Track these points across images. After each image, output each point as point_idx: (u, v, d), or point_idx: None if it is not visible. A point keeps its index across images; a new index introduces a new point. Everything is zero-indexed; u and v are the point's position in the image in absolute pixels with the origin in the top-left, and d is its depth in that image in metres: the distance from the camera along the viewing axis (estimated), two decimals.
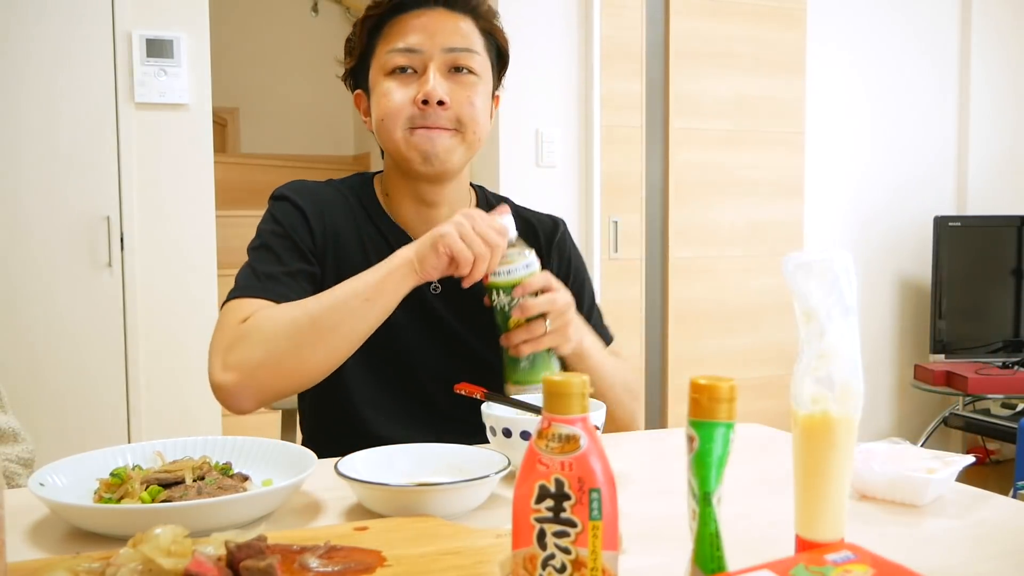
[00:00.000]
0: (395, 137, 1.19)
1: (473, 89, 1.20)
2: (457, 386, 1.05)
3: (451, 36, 1.19)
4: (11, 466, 1.21)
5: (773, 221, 3.33)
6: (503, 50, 1.28)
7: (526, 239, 1.28)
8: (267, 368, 1.07)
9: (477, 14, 1.23)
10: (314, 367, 1.09)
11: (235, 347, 1.08)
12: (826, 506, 0.62)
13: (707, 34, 3.17)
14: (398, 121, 1.18)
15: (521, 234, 1.27)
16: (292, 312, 1.08)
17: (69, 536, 0.80)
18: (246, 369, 1.06)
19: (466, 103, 1.19)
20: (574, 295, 1.28)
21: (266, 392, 1.09)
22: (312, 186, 1.27)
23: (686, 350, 3.21)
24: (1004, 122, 3.71)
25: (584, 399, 0.57)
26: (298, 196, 1.23)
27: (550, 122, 2.96)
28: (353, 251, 1.23)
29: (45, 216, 2.48)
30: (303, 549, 0.68)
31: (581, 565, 0.56)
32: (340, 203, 1.26)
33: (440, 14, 1.20)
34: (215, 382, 1.08)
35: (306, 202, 1.22)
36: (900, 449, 0.96)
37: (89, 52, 2.49)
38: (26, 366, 2.47)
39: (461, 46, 1.20)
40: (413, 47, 1.18)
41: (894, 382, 3.63)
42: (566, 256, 1.34)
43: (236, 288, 1.16)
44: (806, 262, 0.61)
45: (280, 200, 1.23)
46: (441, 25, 1.19)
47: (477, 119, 1.21)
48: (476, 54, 1.21)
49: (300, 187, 1.25)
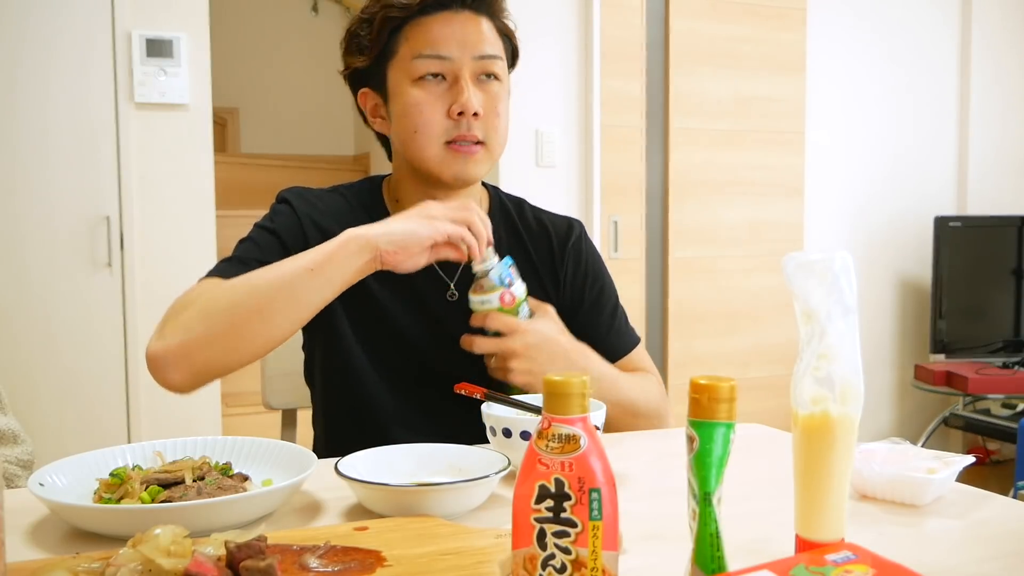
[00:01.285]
0: (429, 153, 1.16)
1: (499, 97, 1.18)
2: (457, 386, 1.04)
3: (480, 42, 1.16)
4: (11, 468, 1.21)
5: (773, 221, 3.33)
6: (516, 50, 1.26)
7: (539, 243, 1.28)
8: (201, 339, 1.01)
9: (494, 14, 1.20)
10: (250, 339, 1.02)
11: (173, 318, 1.04)
12: (826, 506, 0.62)
13: (707, 34, 3.17)
14: (433, 136, 1.15)
15: (534, 241, 1.27)
16: (233, 283, 1.04)
17: (69, 536, 0.79)
18: (178, 338, 1.01)
19: (493, 114, 1.17)
20: (592, 302, 1.29)
21: (198, 364, 1.02)
22: (316, 193, 1.24)
23: (686, 350, 3.21)
24: (1004, 122, 3.71)
25: (584, 399, 0.57)
26: (299, 201, 1.21)
27: (550, 122, 2.96)
28: None
29: (45, 216, 2.48)
30: (303, 549, 0.68)
31: (581, 565, 0.56)
32: (344, 211, 1.22)
33: (467, 17, 1.16)
34: (147, 353, 1.03)
35: (305, 208, 1.20)
36: (900, 449, 0.96)
37: (89, 52, 2.49)
38: (26, 366, 2.46)
39: (490, 52, 1.17)
40: (445, 55, 1.14)
41: (894, 382, 3.63)
42: (582, 261, 1.31)
43: (209, 271, 1.13)
44: (806, 262, 0.61)
45: (281, 203, 1.22)
46: (470, 29, 1.16)
47: (501, 129, 1.20)
48: (501, 59, 1.19)
49: (303, 193, 1.23)
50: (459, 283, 1.21)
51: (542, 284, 1.27)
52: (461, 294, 1.20)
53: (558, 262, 1.29)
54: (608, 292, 1.33)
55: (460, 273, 1.21)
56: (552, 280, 1.28)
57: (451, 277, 1.22)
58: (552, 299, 1.26)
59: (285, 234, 1.17)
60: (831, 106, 3.44)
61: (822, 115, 3.41)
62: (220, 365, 1.04)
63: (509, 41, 1.24)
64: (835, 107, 3.45)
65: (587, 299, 1.29)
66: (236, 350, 1.03)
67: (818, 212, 3.43)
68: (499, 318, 1.11)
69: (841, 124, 3.48)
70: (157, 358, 1.02)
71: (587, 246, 1.33)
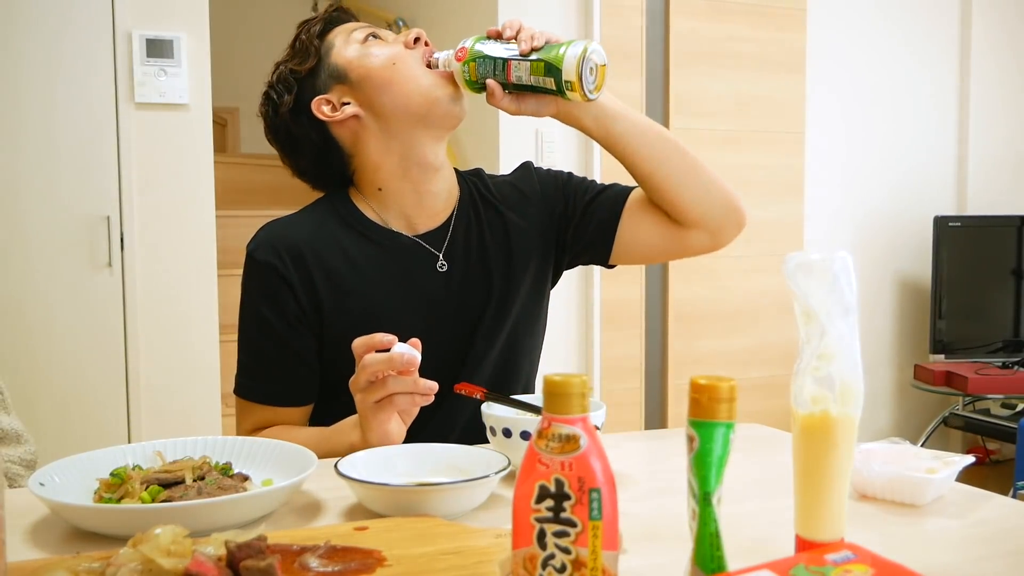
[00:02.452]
0: (421, 82, 1.19)
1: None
2: (457, 386, 1.05)
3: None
4: (13, 468, 1.21)
5: (773, 221, 3.33)
6: None
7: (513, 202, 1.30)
8: None
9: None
10: None
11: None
12: (826, 506, 0.62)
13: (707, 34, 3.17)
14: (409, 61, 1.19)
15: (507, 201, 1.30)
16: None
17: (69, 536, 0.80)
18: None
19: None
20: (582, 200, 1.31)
21: None
22: (282, 231, 1.23)
23: (686, 350, 3.21)
24: (1004, 122, 3.71)
25: (584, 399, 0.57)
26: (271, 255, 1.19)
27: (550, 122, 2.94)
28: (340, 266, 1.21)
29: (45, 216, 2.48)
30: (303, 549, 0.68)
31: (581, 565, 0.56)
32: (318, 231, 1.22)
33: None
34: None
35: (280, 258, 1.19)
36: (900, 449, 0.96)
37: (89, 52, 2.49)
38: (26, 366, 2.46)
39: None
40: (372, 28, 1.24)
41: (894, 382, 3.63)
42: (552, 185, 1.33)
43: (239, 383, 1.23)
44: (806, 262, 0.61)
45: (254, 264, 1.21)
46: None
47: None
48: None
49: (271, 239, 1.21)
50: (447, 254, 1.24)
51: (542, 233, 1.29)
52: (450, 264, 1.24)
53: (539, 204, 1.31)
54: (582, 181, 1.34)
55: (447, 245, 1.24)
56: (547, 222, 1.30)
57: (439, 250, 1.25)
58: (558, 234, 1.30)
59: (275, 304, 1.19)
60: (831, 106, 3.44)
61: (822, 115, 3.41)
62: None
63: None
64: (835, 107, 3.45)
65: (578, 203, 1.31)
66: None
67: (818, 212, 3.43)
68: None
69: (841, 124, 3.48)
70: None
71: (544, 172, 1.36)
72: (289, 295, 1.19)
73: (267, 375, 1.22)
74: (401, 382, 0.99)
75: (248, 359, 1.23)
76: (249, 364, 1.23)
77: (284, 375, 1.21)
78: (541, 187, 1.33)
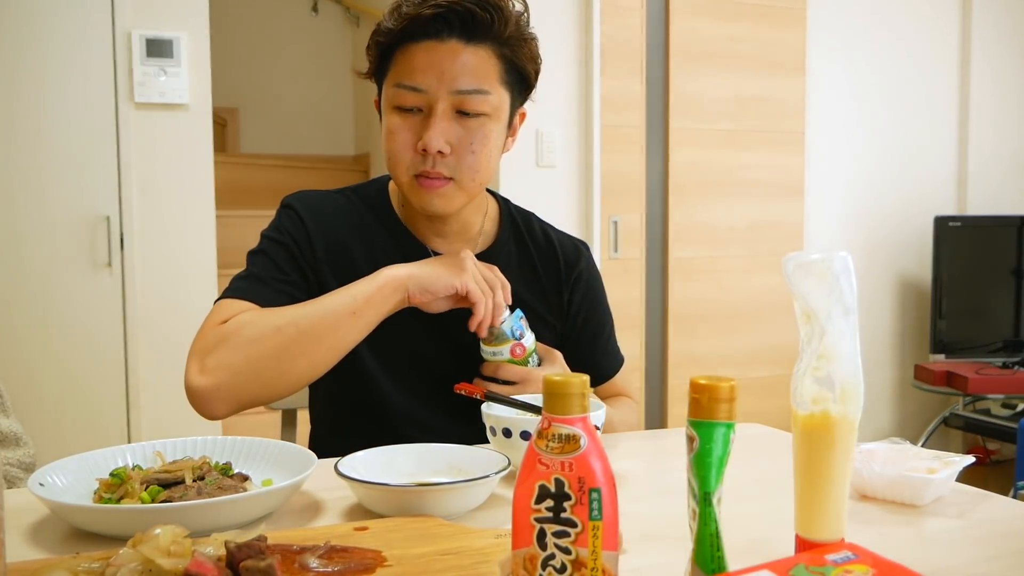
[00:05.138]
0: (400, 180, 1.16)
1: (478, 133, 1.12)
2: (457, 386, 1.05)
3: (460, 76, 1.10)
4: (12, 470, 1.21)
5: (773, 221, 3.33)
6: (526, 73, 1.18)
7: (546, 261, 1.30)
8: (246, 375, 1.04)
9: (500, 40, 1.13)
10: (295, 377, 1.07)
11: (215, 350, 1.05)
12: (826, 506, 0.62)
13: (707, 34, 3.17)
14: (401, 166, 1.15)
15: (541, 258, 1.30)
16: (277, 319, 1.06)
17: (69, 536, 0.80)
18: (225, 374, 1.04)
19: (467, 151, 1.12)
20: (593, 329, 1.31)
21: (242, 399, 1.06)
22: (321, 196, 1.25)
23: (686, 350, 3.21)
24: (1004, 122, 3.71)
25: (584, 399, 0.57)
26: (303, 206, 1.21)
27: (550, 122, 2.96)
28: (361, 261, 1.19)
29: (45, 216, 2.48)
30: (303, 549, 0.68)
31: (581, 565, 0.56)
32: (350, 213, 1.23)
33: (452, 47, 1.10)
34: (190, 385, 1.05)
35: (310, 213, 1.21)
36: (900, 449, 0.96)
37: (89, 52, 2.50)
38: (26, 366, 2.47)
39: (470, 88, 1.10)
40: (420, 87, 1.10)
41: (894, 382, 3.63)
42: (589, 289, 1.31)
43: (227, 290, 1.15)
44: (806, 262, 0.61)
45: (286, 208, 1.23)
46: (452, 62, 1.10)
47: (477, 166, 1.14)
48: (488, 94, 1.12)
49: (308, 197, 1.24)
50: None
51: (546, 300, 1.28)
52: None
53: (564, 285, 1.29)
54: (607, 317, 1.35)
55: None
56: (556, 300, 1.29)
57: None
58: (552, 318, 1.28)
59: (293, 243, 1.19)
60: (831, 106, 3.44)
61: (822, 115, 3.41)
62: (262, 399, 1.09)
63: (516, 67, 1.16)
64: (835, 107, 3.45)
65: (589, 327, 1.31)
66: (279, 387, 1.07)
67: (818, 212, 3.43)
68: (511, 369, 1.15)
69: (841, 124, 3.48)
70: (203, 393, 1.05)
71: (593, 272, 1.34)
72: (306, 241, 1.19)
73: (259, 279, 1.16)
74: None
75: (245, 273, 1.18)
76: (244, 275, 1.18)
77: (276, 288, 1.15)
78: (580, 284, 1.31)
